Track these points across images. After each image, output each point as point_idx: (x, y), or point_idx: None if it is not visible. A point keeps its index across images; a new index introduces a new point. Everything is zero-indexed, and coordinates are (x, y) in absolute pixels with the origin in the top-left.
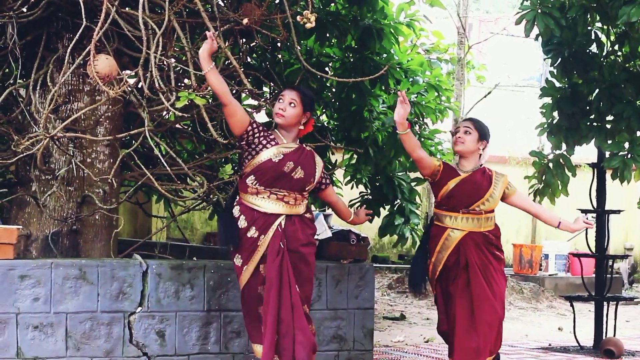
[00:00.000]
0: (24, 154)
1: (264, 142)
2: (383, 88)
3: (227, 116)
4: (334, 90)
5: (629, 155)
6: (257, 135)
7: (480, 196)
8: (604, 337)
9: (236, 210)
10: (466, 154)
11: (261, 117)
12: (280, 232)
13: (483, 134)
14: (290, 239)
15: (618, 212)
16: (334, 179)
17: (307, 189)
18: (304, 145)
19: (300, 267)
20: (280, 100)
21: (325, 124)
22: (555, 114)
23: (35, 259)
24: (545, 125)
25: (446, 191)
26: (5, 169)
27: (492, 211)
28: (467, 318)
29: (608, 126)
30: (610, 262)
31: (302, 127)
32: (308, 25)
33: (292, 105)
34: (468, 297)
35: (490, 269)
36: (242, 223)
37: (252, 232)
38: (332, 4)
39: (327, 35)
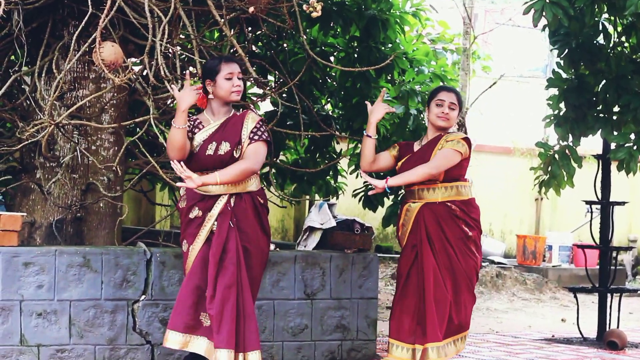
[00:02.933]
0: (29, 141)
1: (191, 133)
2: (388, 78)
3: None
4: (338, 79)
5: (635, 147)
6: (190, 130)
7: (422, 164)
8: (607, 329)
9: (181, 191)
10: (444, 129)
11: (266, 105)
12: (230, 211)
13: (462, 106)
14: (241, 217)
15: (622, 203)
16: (338, 168)
17: (237, 159)
18: (237, 112)
19: (251, 249)
20: (229, 78)
21: (329, 113)
22: (562, 105)
23: (39, 246)
24: (552, 117)
25: (398, 169)
26: (10, 156)
27: (456, 179)
28: (410, 296)
29: (614, 117)
30: (614, 254)
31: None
32: (314, 14)
33: (240, 78)
34: (415, 274)
35: (447, 245)
36: (183, 203)
37: (195, 212)
38: None
39: (332, 24)
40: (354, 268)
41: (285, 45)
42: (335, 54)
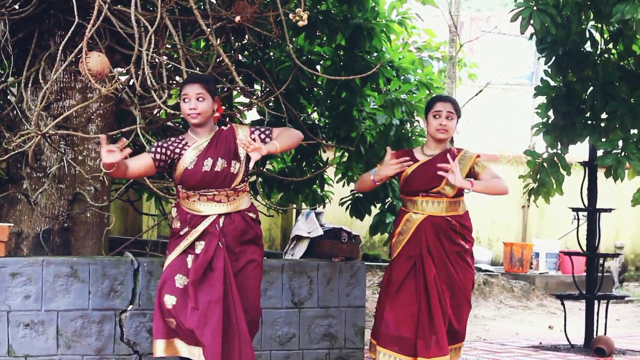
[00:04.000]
0: (16, 151)
1: (177, 151)
2: (374, 87)
3: (135, 177)
4: (325, 88)
5: (623, 153)
6: (167, 153)
7: (439, 179)
8: (594, 336)
9: (173, 212)
10: (443, 141)
11: (252, 114)
12: (218, 231)
13: (460, 114)
14: (230, 238)
15: (609, 210)
16: (324, 176)
17: (235, 174)
18: (222, 127)
19: (243, 267)
20: (186, 100)
21: (316, 121)
22: (551, 112)
23: (27, 256)
24: (541, 125)
25: (404, 177)
26: None
27: (459, 195)
28: (406, 306)
29: (602, 124)
30: (601, 261)
31: (217, 114)
32: (300, 23)
33: (201, 99)
34: (412, 284)
35: (445, 260)
36: (176, 224)
37: (185, 231)
38: (323, 3)
39: (317, 33)
40: (342, 276)
41: (271, 54)
42: (321, 62)
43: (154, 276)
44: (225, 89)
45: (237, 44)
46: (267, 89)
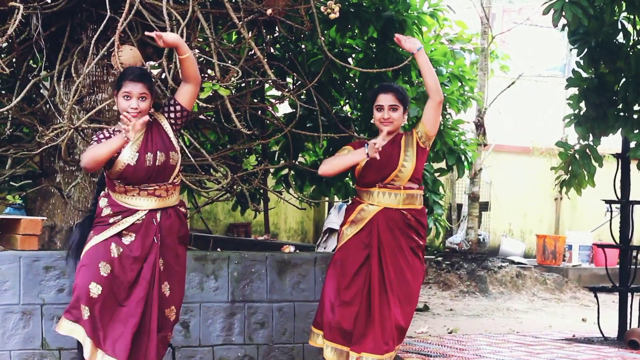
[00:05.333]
0: (49, 145)
1: None
2: (406, 79)
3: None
4: (357, 81)
5: None
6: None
7: (393, 167)
8: (628, 328)
9: (103, 202)
10: (392, 132)
11: (284, 107)
12: (155, 226)
13: (406, 103)
14: (165, 234)
15: None
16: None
17: (174, 166)
18: (149, 116)
19: (173, 266)
20: (127, 97)
21: (348, 114)
22: (582, 104)
23: (60, 250)
24: (573, 116)
25: (359, 169)
26: (30, 160)
27: (415, 187)
28: (353, 298)
29: (635, 116)
30: (634, 253)
31: (151, 110)
32: (332, 16)
33: (143, 99)
34: (363, 278)
35: (397, 254)
36: (106, 211)
37: (115, 219)
38: None
39: (349, 26)
40: None
41: (303, 46)
42: (353, 55)
43: (187, 269)
44: (257, 82)
45: (268, 36)
46: (299, 82)
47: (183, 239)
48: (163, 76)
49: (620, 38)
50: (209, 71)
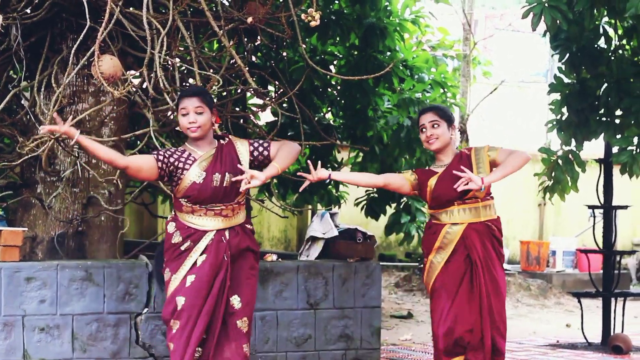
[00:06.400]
0: (29, 155)
1: (181, 165)
2: (387, 86)
3: (134, 175)
4: (338, 88)
5: (638, 150)
6: (172, 162)
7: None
8: (612, 333)
9: (171, 227)
10: (442, 149)
11: (266, 116)
12: (225, 244)
13: (449, 119)
14: (235, 250)
15: (625, 207)
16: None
17: (241, 189)
18: (221, 141)
19: (244, 279)
20: (185, 114)
21: (330, 122)
22: (564, 109)
23: (41, 261)
24: (555, 122)
25: (430, 193)
26: (11, 171)
27: (489, 197)
28: (469, 313)
29: (617, 121)
30: (617, 258)
31: (215, 127)
32: (313, 23)
33: (200, 112)
34: (476, 294)
35: (490, 265)
36: (177, 239)
37: (187, 245)
38: (335, 3)
39: (330, 33)
40: (357, 277)
41: (284, 54)
42: (335, 62)
43: None
44: (239, 91)
45: (249, 45)
46: (281, 90)
47: (253, 252)
48: (144, 86)
49: (601, 43)
50: (190, 80)
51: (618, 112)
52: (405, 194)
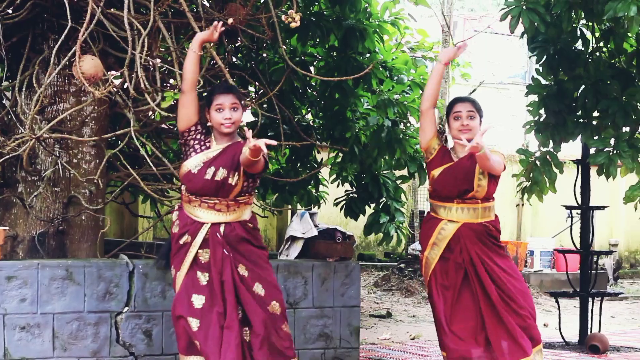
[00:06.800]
0: (10, 155)
1: (197, 146)
2: (366, 87)
3: (180, 105)
4: (318, 89)
5: (615, 152)
6: (195, 138)
7: (470, 181)
8: (589, 333)
9: (174, 215)
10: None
11: (246, 116)
12: (221, 239)
13: (482, 115)
14: (235, 244)
15: (602, 208)
16: (319, 177)
17: (233, 186)
18: (240, 141)
19: (256, 270)
20: (220, 110)
21: (310, 123)
22: (542, 111)
23: (22, 259)
24: (533, 123)
25: (432, 180)
26: None
27: (490, 200)
28: (468, 318)
29: (594, 122)
30: (595, 258)
31: (242, 122)
32: (293, 25)
33: (235, 109)
34: (470, 297)
35: (490, 259)
36: (175, 228)
37: (185, 238)
38: (315, 4)
39: (310, 34)
40: (336, 277)
41: (264, 55)
42: (314, 63)
43: (149, 278)
44: None
45: (230, 46)
46: (261, 91)
47: (254, 245)
48: (125, 86)
49: (579, 45)
50: (171, 80)
51: (595, 114)
52: (421, 138)
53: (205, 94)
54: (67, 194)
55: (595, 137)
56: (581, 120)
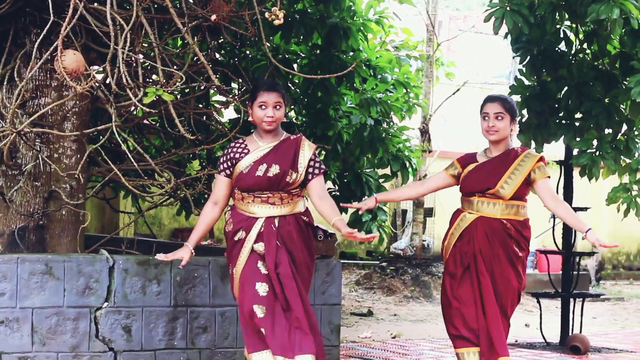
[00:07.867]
0: None
1: (237, 156)
2: (349, 86)
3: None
4: (301, 86)
5: (597, 153)
6: (231, 158)
7: (494, 180)
8: (570, 334)
9: (227, 215)
10: (498, 142)
11: (229, 113)
12: (275, 231)
13: (514, 114)
14: (286, 240)
15: (585, 209)
16: None
17: (290, 183)
18: (290, 136)
19: (298, 271)
20: (263, 107)
21: (293, 120)
22: (525, 111)
23: (2, 254)
24: None
25: (462, 178)
26: None
27: (518, 199)
28: (467, 304)
29: (577, 124)
30: (577, 259)
31: (285, 119)
32: (276, 22)
33: (278, 107)
34: (469, 283)
35: (494, 262)
36: (229, 227)
37: (239, 235)
38: (299, 2)
39: (294, 32)
40: (317, 274)
41: (248, 52)
42: (298, 61)
43: (129, 274)
44: (202, 88)
45: (213, 42)
46: (244, 88)
47: (306, 246)
48: (107, 81)
49: (562, 46)
50: (154, 76)
51: (578, 115)
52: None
53: (250, 90)
54: (47, 189)
55: (578, 139)
56: (564, 121)
